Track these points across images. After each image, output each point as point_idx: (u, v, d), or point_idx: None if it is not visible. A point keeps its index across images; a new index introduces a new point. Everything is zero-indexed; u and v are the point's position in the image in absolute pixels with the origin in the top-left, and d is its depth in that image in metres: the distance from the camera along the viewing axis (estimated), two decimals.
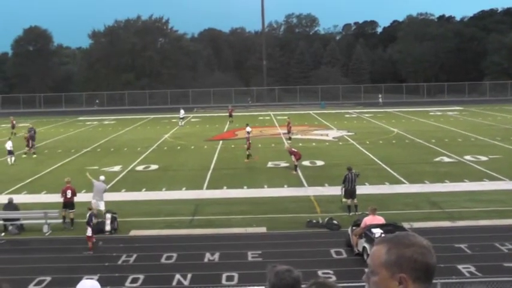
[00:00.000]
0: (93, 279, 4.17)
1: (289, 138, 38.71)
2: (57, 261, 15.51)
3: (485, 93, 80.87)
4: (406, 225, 16.36)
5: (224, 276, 13.97)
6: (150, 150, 35.76)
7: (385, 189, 23.24)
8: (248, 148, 31.02)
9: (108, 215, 18.09)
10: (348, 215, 19.06)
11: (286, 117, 46.28)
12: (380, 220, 15.18)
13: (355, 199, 19.57)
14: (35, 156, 34.35)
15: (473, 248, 15.44)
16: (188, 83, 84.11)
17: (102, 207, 18.98)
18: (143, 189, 24.27)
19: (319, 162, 29.72)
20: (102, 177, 20.34)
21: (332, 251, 15.70)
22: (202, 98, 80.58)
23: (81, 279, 4.69)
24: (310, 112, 63.41)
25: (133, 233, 18.02)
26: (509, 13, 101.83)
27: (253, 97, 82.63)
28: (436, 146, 34.23)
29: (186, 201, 21.96)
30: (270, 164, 29.60)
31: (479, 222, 18.12)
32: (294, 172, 26.69)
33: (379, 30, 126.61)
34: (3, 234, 18.23)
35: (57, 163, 31.56)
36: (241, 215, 19.73)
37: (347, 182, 19.65)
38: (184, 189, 24.22)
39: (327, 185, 23.99)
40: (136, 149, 36.44)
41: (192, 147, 37.10)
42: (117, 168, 29.41)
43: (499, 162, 28.20)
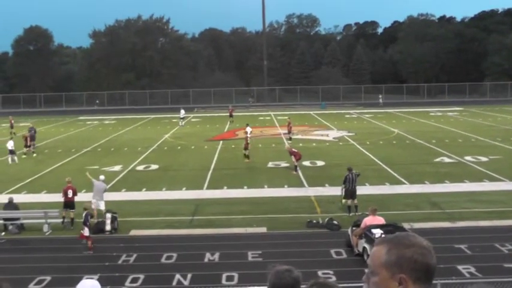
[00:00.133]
0: (93, 279, 4.18)
1: (290, 139, 38.70)
2: (57, 260, 15.51)
3: (486, 94, 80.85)
4: (406, 225, 16.36)
5: (224, 276, 13.97)
6: (150, 150, 35.77)
7: (385, 189, 23.24)
8: (245, 148, 31.02)
9: (108, 215, 18.08)
10: (348, 215, 19.06)
11: (286, 118, 46.27)
12: (380, 220, 15.18)
13: (356, 199, 19.58)
14: (35, 155, 34.42)
15: (474, 249, 15.44)
16: (189, 83, 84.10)
17: (102, 207, 19.01)
18: (143, 189, 24.28)
19: (320, 163, 29.73)
20: (102, 177, 20.36)
21: (332, 251, 15.70)
22: (203, 98, 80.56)
23: (81, 279, 4.69)
24: (311, 112, 63.41)
25: (133, 232, 18.02)
26: (509, 14, 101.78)
27: (254, 96, 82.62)
28: (436, 146, 34.22)
29: (186, 201, 21.97)
30: (271, 164, 29.60)
31: (479, 222, 18.12)
32: (294, 172, 26.69)
33: (380, 30, 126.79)
34: (4, 233, 18.24)
35: (58, 163, 31.58)
36: (241, 215, 19.73)
37: (347, 183, 19.65)
38: (184, 189, 24.23)
39: (327, 185, 24.00)
40: (136, 148, 36.45)
41: (192, 147, 37.10)
42: (117, 168, 29.43)
43: (499, 163, 28.20)
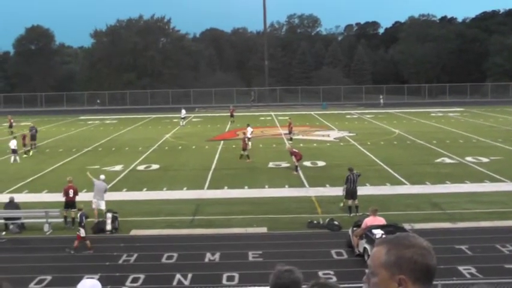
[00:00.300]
0: (93, 279, 4.18)
1: (291, 139, 38.69)
2: (58, 260, 15.52)
3: (487, 94, 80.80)
4: (407, 226, 16.36)
5: (225, 276, 13.97)
6: (151, 150, 35.78)
7: (386, 190, 23.23)
8: (244, 149, 31.07)
9: (109, 215, 18.08)
10: (349, 215, 19.05)
11: (287, 118, 46.29)
12: (381, 221, 15.18)
13: (356, 200, 19.57)
14: (31, 153, 34.37)
15: (474, 250, 15.43)
16: (190, 83, 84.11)
17: (103, 207, 19.01)
18: (144, 189, 24.28)
19: (320, 163, 29.72)
20: (102, 177, 20.34)
21: (333, 251, 15.70)
22: (204, 98, 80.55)
23: (81, 279, 4.69)
24: (312, 113, 63.39)
25: (134, 232, 18.03)
26: (511, 14, 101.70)
27: (256, 94, 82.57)
28: (437, 147, 34.20)
29: (187, 201, 21.97)
30: (271, 165, 29.60)
31: (480, 223, 18.11)
32: (295, 172, 26.68)
33: (381, 31, 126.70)
34: (4, 233, 18.24)
35: (59, 162, 31.59)
36: (242, 215, 19.73)
37: (348, 183, 19.64)
38: (185, 189, 24.23)
39: (328, 185, 23.99)
40: (137, 148, 36.46)
41: (193, 147, 37.11)
42: (118, 167, 29.43)
43: (500, 164, 28.18)
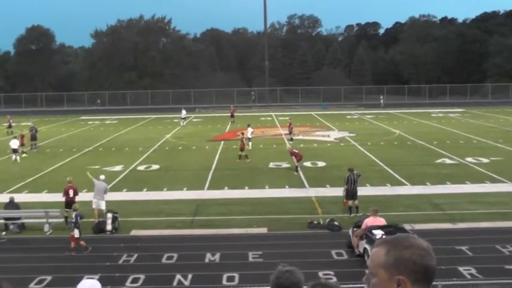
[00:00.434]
0: (93, 279, 4.18)
1: (291, 139, 38.69)
2: (58, 260, 15.51)
3: (487, 95, 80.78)
4: (407, 226, 16.36)
5: (225, 276, 13.96)
6: (151, 150, 35.78)
7: (386, 190, 23.22)
8: (242, 149, 31.12)
9: (109, 215, 18.07)
10: (349, 216, 19.05)
11: (287, 118, 46.31)
12: (381, 221, 15.17)
13: (356, 200, 19.57)
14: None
15: (475, 250, 15.41)
16: (190, 83, 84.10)
17: (103, 207, 19.00)
18: (144, 189, 24.27)
19: (321, 163, 29.71)
20: (102, 177, 20.30)
21: (333, 252, 15.69)
22: (204, 98, 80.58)
23: (81, 279, 4.69)
24: (312, 113, 63.39)
25: (134, 232, 18.02)
26: (511, 15, 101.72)
27: (256, 96, 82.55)
28: (437, 147, 34.19)
29: (187, 202, 21.96)
30: (272, 165, 29.59)
31: (480, 224, 18.10)
32: (295, 173, 26.68)
33: (382, 31, 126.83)
34: (4, 233, 18.24)
35: (59, 162, 31.60)
36: (242, 215, 19.72)
37: (349, 183, 19.63)
38: (185, 189, 24.23)
39: (328, 186, 23.98)
40: (137, 148, 36.47)
41: (193, 148, 37.11)
42: (118, 167, 29.43)
43: (501, 164, 28.17)
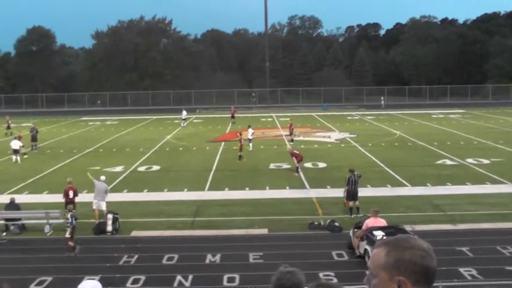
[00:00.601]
0: (94, 280, 4.18)
1: (291, 140, 38.69)
2: (59, 261, 15.50)
3: (488, 96, 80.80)
4: (407, 227, 16.34)
5: (225, 277, 13.95)
6: (152, 151, 35.79)
7: (387, 191, 23.21)
8: (240, 150, 31.18)
9: (109, 216, 18.07)
10: (350, 217, 19.05)
11: (288, 119, 46.31)
12: (382, 222, 15.16)
13: (357, 201, 19.56)
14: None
15: (475, 251, 15.40)
16: (191, 84, 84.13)
17: (103, 208, 19.00)
18: (145, 190, 24.28)
19: (321, 164, 29.71)
20: (102, 177, 20.31)
21: (333, 253, 15.68)
22: (205, 99, 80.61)
23: (82, 280, 4.69)
24: (313, 114, 63.39)
25: (134, 233, 18.01)
26: (511, 16, 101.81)
27: (254, 98, 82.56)
28: (438, 148, 34.18)
29: (187, 202, 21.95)
30: (272, 166, 29.59)
31: (481, 225, 18.09)
32: (296, 174, 26.68)
33: (382, 32, 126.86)
34: (5, 234, 18.22)
35: (59, 163, 31.60)
36: (242, 216, 19.72)
37: (349, 184, 19.62)
38: (186, 190, 24.22)
39: (328, 187, 23.97)
40: (138, 149, 36.48)
41: (194, 148, 37.11)
42: (119, 168, 29.43)
43: (501, 165, 28.16)
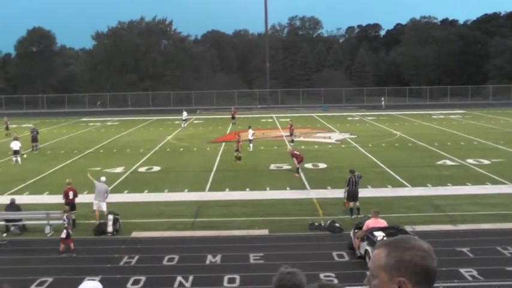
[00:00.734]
0: (95, 281, 4.18)
1: (292, 141, 38.70)
2: (59, 262, 15.51)
3: (488, 96, 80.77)
4: (408, 228, 16.34)
5: (226, 278, 13.95)
6: (152, 152, 35.79)
7: (387, 192, 23.20)
8: (237, 150, 31.17)
9: (110, 216, 18.07)
10: (350, 217, 19.05)
11: (288, 120, 46.31)
12: (382, 223, 15.16)
13: (357, 202, 19.56)
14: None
15: (476, 252, 15.40)
16: (191, 85, 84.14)
17: (104, 208, 19.01)
18: (145, 191, 24.28)
19: (322, 165, 29.71)
20: (103, 178, 20.30)
21: (334, 253, 15.67)
22: (205, 99, 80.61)
23: (83, 281, 4.69)
24: (313, 115, 63.38)
25: (135, 234, 18.01)
26: None
27: (257, 99, 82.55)
28: (438, 149, 34.16)
29: (188, 203, 21.95)
30: (273, 167, 29.59)
31: (481, 225, 18.08)
32: (296, 175, 26.68)
33: (383, 33, 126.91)
34: (5, 234, 18.23)
35: (60, 164, 31.61)
36: (243, 217, 19.73)
37: (350, 185, 19.62)
38: (186, 190, 24.23)
39: (329, 187, 23.97)
40: (139, 150, 36.48)
41: (194, 149, 37.12)
42: (119, 169, 29.44)
43: (502, 166, 28.15)
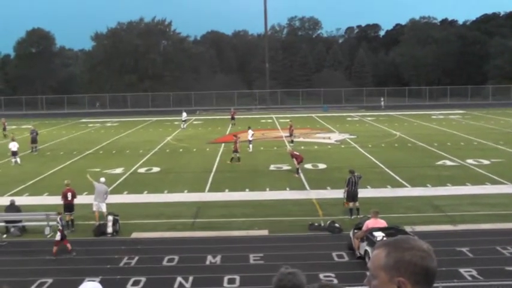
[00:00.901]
0: (95, 281, 4.18)
1: (291, 141, 38.70)
2: (59, 263, 15.51)
3: (488, 96, 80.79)
4: (408, 228, 16.34)
5: (226, 279, 13.96)
6: (152, 153, 35.79)
7: (387, 192, 23.21)
8: (235, 151, 31.14)
9: (109, 217, 18.07)
10: (350, 218, 19.05)
11: (288, 120, 46.32)
12: (382, 223, 15.17)
13: (357, 202, 19.56)
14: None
15: (475, 252, 15.41)
16: (191, 86, 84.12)
17: (104, 209, 19.01)
18: (145, 192, 24.28)
19: (321, 165, 29.72)
20: (102, 179, 20.30)
21: (334, 254, 15.68)
22: (205, 100, 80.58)
23: (82, 282, 4.69)
24: (313, 115, 63.38)
25: (135, 235, 18.02)
26: (511, 17, 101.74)
27: (256, 100, 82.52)
28: (438, 149, 34.17)
29: (187, 204, 21.96)
30: (272, 167, 29.59)
31: (481, 225, 18.10)
32: (296, 175, 26.68)
33: (382, 33, 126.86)
34: (5, 236, 18.23)
35: (60, 165, 31.60)
36: (243, 217, 19.73)
37: (350, 185, 19.63)
38: (186, 191, 24.24)
39: (329, 188, 23.98)
40: (138, 151, 36.47)
41: (194, 150, 37.12)
42: (119, 170, 29.44)
43: (502, 166, 28.16)
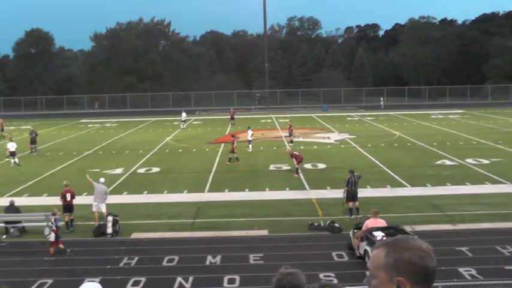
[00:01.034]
0: (94, 282, 4.19)
1: (291, 141, 38.71)
2: (59, 263, 15.52)
3: (487, 96, 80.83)
4: (407, 228, 16.35)
5: (226, 279, 13.97)
6: (151, 153, 35.78)
7: (386, 192, 23.22)
8: (232, 151, 31.15)
9: (109, 218, 18.06)
10: (350, 218, 19.06)
11: (288, 120, 46.32)
12: (382, 223, 15.17)
13: (357, 202, 19.57)
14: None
15: (475, 251, 15.43)
16: (190, 86, 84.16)
17: (103, 210, 19.02)
18: (145, 192, 24.28)
19: (321, 165, 29.72)
20: (102, 180, 20.30)
21: (334, 253, 15.70)
22: (204, 100, 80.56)
23: (82, 282, 4.70)
24: (312, 115, 63.39)
25: (134, 235, 18.02)
26: (511, 16, 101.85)
27: (256, 100, 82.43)
28: (437, 149, 34.19)
29: (187, 204, 21.97)
30: (272, 167, 29.60)
31: (480, 225, 18.12)
32: (296, 175, 26.68)
33: (381, 33, 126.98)
34: (5, 236, 18.24)
35: (59, 165, 31.59)
36: (243, 217, 19.74)
37: (349, 185, 19.63)
38: (186, 191, 24.24)
39: (328, 188, 23.99)
40: (138, 151, 36.46)
41: (193, 150, 37.12)
42: (118, 170, 29.44)
43: (501, 166, 28.17)
